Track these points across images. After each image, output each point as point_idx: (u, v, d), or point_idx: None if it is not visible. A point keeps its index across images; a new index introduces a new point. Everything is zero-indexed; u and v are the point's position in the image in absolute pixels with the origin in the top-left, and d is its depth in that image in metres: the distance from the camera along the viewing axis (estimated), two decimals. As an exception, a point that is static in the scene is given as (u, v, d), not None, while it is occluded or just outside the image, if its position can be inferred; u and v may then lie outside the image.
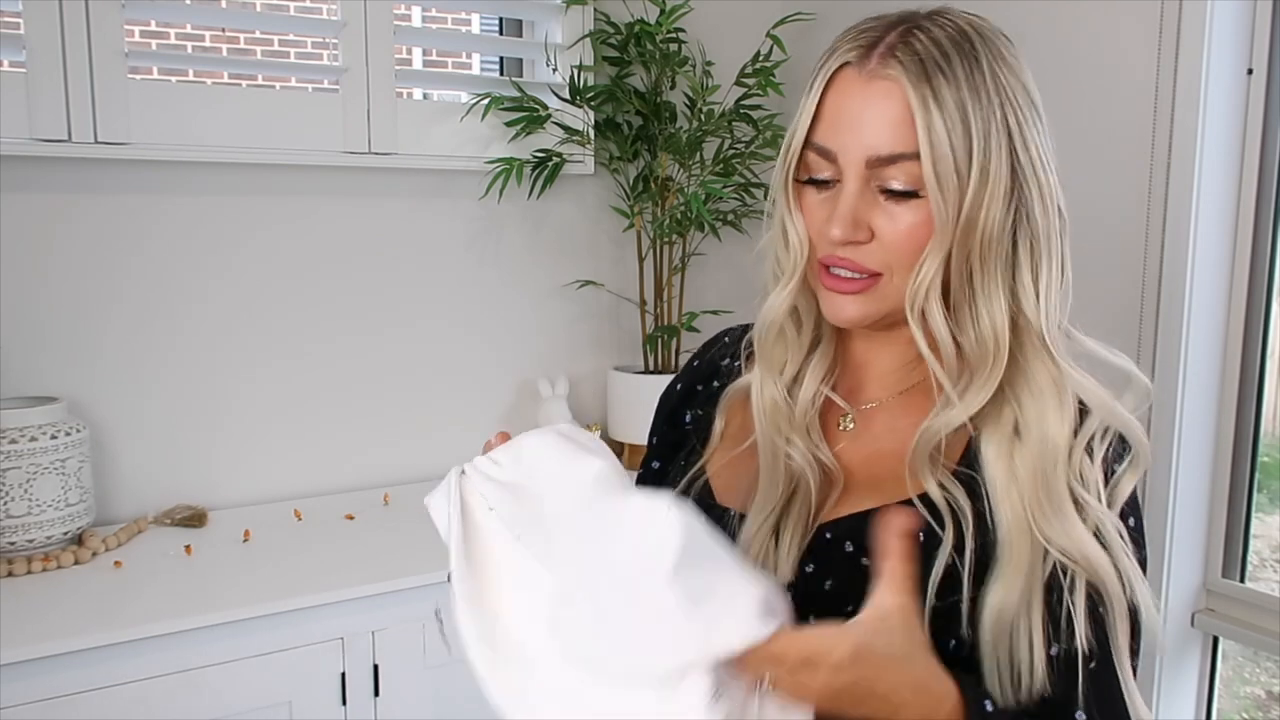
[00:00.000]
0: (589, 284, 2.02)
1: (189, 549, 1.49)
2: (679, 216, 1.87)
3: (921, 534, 0.72)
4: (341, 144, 1.73)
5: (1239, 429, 1.54)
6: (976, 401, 0.72)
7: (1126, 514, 0.73)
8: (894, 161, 0.70)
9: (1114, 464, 0.73)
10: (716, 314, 1.97)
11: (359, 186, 1.80)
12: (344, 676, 1.37)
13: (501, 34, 2.14)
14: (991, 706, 0.65)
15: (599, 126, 1.93)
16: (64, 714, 1.20)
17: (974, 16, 0.73)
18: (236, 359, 1.73)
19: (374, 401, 1.86)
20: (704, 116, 1.91)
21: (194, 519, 1.62)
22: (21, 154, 1.49)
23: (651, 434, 0.96)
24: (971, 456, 0.74)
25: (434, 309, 1.90)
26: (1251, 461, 1.54)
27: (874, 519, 0.75)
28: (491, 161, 1.81)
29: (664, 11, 1.86)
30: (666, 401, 0.95)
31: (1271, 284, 1.50)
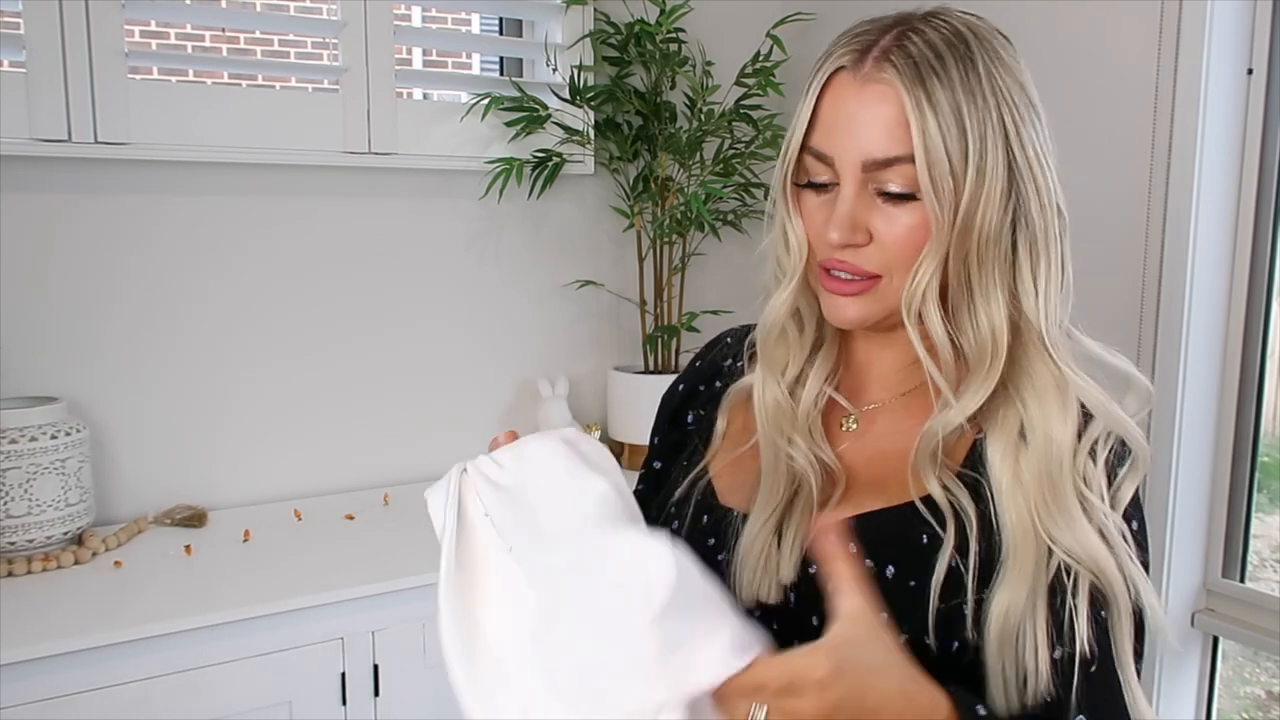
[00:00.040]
0: (589, 284, 2.02)
1: (189, 549, 1.49)
2: (679, 216, 1.86)
3: (925, 536, 0.72)
4: (341, 144, 1.73)
5: (1239, 429, 1.54)
6: (973, 403, 0.72)
7: (1130, 517, 0.73)
8: (890, 165, 0.70)
9: (1116, 467, 0.73)
10: (716, 314, 1.97)
11: (359, 186, 1.80)
12: (344, 676, 1.37)
13: (501, 34, 2.14)
14: (984, 711, 0.65)
15: (599, 126, 1.93)
16: (64, 714, 1.20)
17: (971, 17, 0.73)
18: (237, 359, 1.73)
19: (374, 401, 1.86)
20: (704, 116, 1.90)
21: (194, 519, 1.62)
22: (21, 154, 1.49)
23: (653, 434, 0.96)
24: (976, 458, 0.74)
25: (434, 309, 1.90)
26: (1251, 461, 1.54)
27: (877, 520, 0.75)
28: (491, 161, 1.81)
29: (664, 11, 1.85)
30: (669, 402, 0.95)
31: (1271, 284, 1.50)
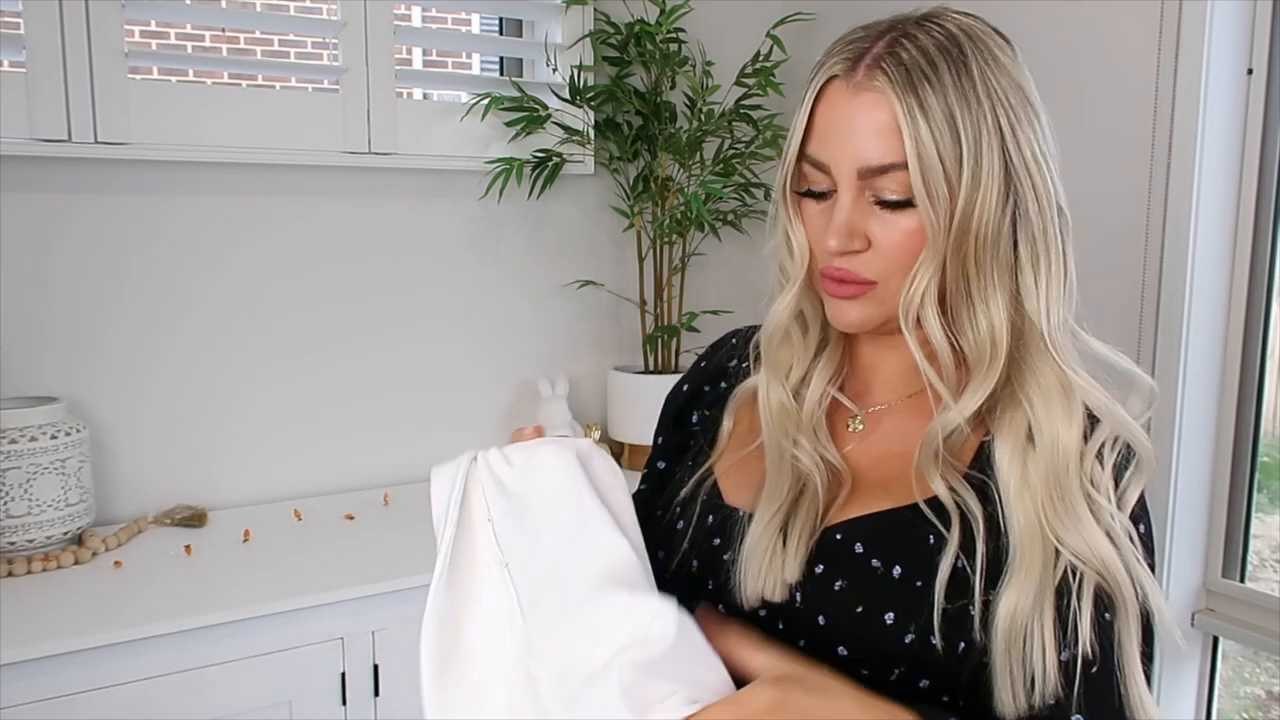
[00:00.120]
0: (589, 284, 2.02)
1: (189, 549, 1.49)
2: (679, 216, 1.87)
3: (931, 537, 0.72)
4: (341, 144, 1.73)
5: (1239, 429, 1.54)
6: (972, 404, 0.72)
7: (1137, 519, 0.73)
8: (885, 172, 0.70)
9: (1122, 470, 0.73)
10: (716, 314, 1.97)
11: (359, 186, 1.80)
12: (344, 676, 1.37)
13: (501, 34, 2.14)
14: None
15: (599, 126, 1.93)
16: (64, 714, 1.20)
17: (967, 18, 0.73)
18: (236, 359, 1.73)
19: (374, 402, 1.86)
20: (704, 116, 1.91)
21: (194, 519, 1.62)
22: (21, 154, 1.49)
23: (657, 434, 0.96)
24: (984, 460, 0.74)
25: (434, 309, 1.90)
26: (1251, 461, 1.54)
27: (884, 520, 0.75)
28: (491, 161, 1.81)
29: (664, 11, 1.86)
30: (673, 402, 0.95)
31: (1271, 284, 1.50)
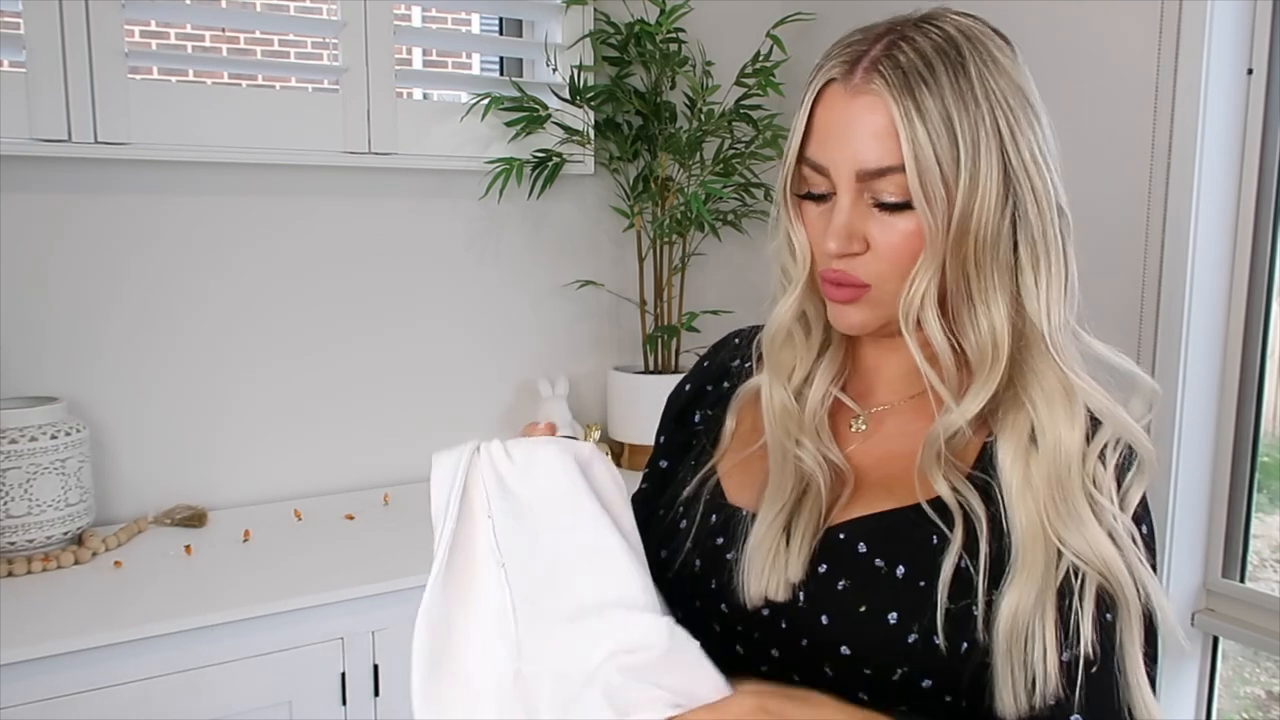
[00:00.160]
0: (589, 284, 2.02)
1: (189, 549, 1.49)
2: (679, 216, 1.86)
3: (934, 537, 0.72)
4: (341, 144, 1.73)
5: (1239, 429, 1.54)
6: (974, 406, 0.72)
7: (1139, 520, 0.73)
8: (883, 175, 0.70)
9: (1124, 472, 0.73)
10: (716, 314, 1.97)
11: (359, 186, 1.80)
12: (344, 676, 1.37)
13: (501, 34, 2.14)
14: None
15: (599, 126, 1.93)
16: (64, 714, 1.20)
17: (966, 19, 0.73)
18: (236, 359, 1.73)
19: (374, 401, 1.86)
20: (704, 116, 1.91)
21: (194, 519, 1.62)
22: (21, 154, 1.49)
23: (659, 433, 0.96)
24: (987, 461, 0.74)
25: (434, 309, 1.90)
26: (1251, 461, 1.54)
27: (887, 520, 0.75)
28: (491, 161, 1.81)
29: (664, 11, 1.85)
30: (675, 401, 0.95)
31: (1271, 284, 1.50)
